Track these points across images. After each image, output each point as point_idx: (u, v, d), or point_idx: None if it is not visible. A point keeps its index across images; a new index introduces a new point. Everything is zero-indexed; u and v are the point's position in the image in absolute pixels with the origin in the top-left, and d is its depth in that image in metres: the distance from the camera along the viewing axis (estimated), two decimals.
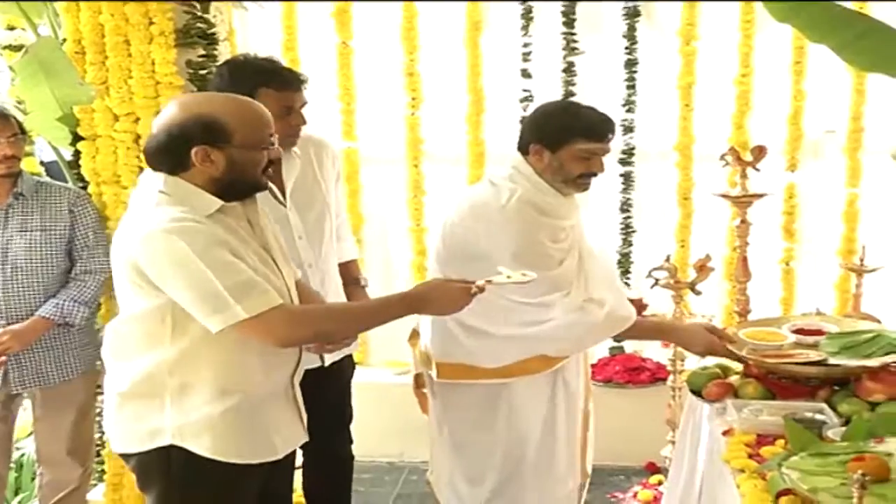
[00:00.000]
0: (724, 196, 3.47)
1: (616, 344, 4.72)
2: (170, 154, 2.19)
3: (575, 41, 4.45)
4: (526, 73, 4.49)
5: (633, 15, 4.42)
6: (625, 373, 4.55)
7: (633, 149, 4.53)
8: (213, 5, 3.67)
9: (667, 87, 4.44)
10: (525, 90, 4.48)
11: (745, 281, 3.56)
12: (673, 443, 3.52)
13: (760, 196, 3.47)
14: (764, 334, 2.89)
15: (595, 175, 2.81)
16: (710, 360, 3.09)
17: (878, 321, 3.22)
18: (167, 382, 2.20)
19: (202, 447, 2.22)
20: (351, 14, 4.51)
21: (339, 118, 4.59)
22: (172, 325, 2.17)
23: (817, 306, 3.42)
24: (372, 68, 4.57)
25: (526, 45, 4.47)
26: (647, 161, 4.58)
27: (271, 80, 2.77)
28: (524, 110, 4.46)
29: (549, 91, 4.46)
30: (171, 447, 2.22)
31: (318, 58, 4.56)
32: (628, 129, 4.51)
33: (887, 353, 2.62)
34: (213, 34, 3.64)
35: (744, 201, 3.42)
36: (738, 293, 3.59)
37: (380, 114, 4.63)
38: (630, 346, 4.74)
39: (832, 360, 2.66)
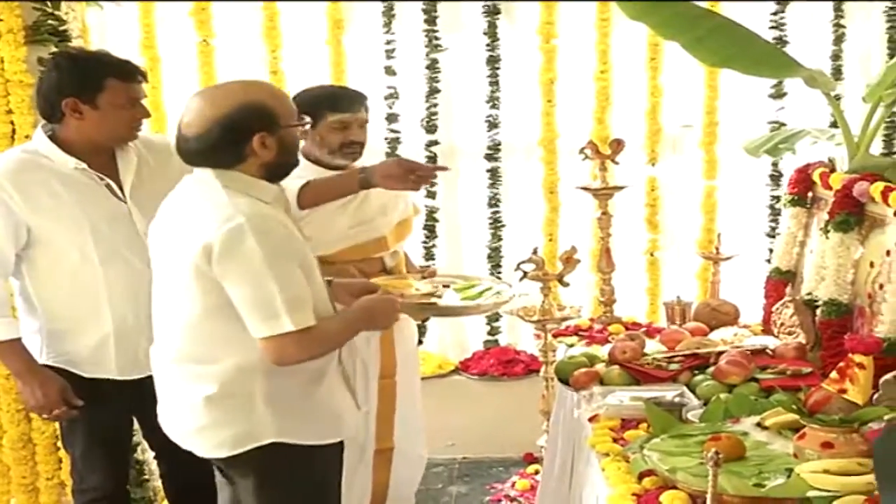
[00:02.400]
0: (585, 189, 3.57)
1: (490, 337, 4.80)
2: (227, 147, 2.21)
3: (437, 38, 4.49)
4: (390, 71, 4.50)
5: (493, 13, 4.48)
6: (499, 365, 4.63)
7: (498, 144, 4.59)
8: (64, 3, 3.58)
9: (529, 84, 4.52)
10: (389, 87, 4.51)
11: (610, 272, 3.67)
12: (548, 432, 3.61)
13: (619, 188, 3.59)
14: (395, 283, 3.12)
15: (357, 143, 3.21)
16: (578, 350, 3.18)
17: (736, 308, 3.38)
18: (258, 380, 2.23)
19: (300, 437, 2.29)
20: (210, 12, 4.45)
21: None
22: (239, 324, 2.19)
23: (678, 294, 3.56)
24: (234, 67, 4.51)
25: (389, 42, 4.49)
26: (513, 156, 4.65)
27: (118, 71, 2.77)
28: (389, 107, 4.51)
29: (412, 88, 4.51)
30: (268, 445, 2.26)
31: (179, 56, 4.48)
32: (493, 125, 4.56)
33: (490, 296, 3.16)
34: (66, 31, 3.55)
35: (604, 194, 3.52)
36: (603, 284, 3.70)
37: None
38: (504, 338, 4.83)
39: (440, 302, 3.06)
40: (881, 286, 2.62)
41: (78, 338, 2.85)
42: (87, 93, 2.73)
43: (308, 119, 2.45)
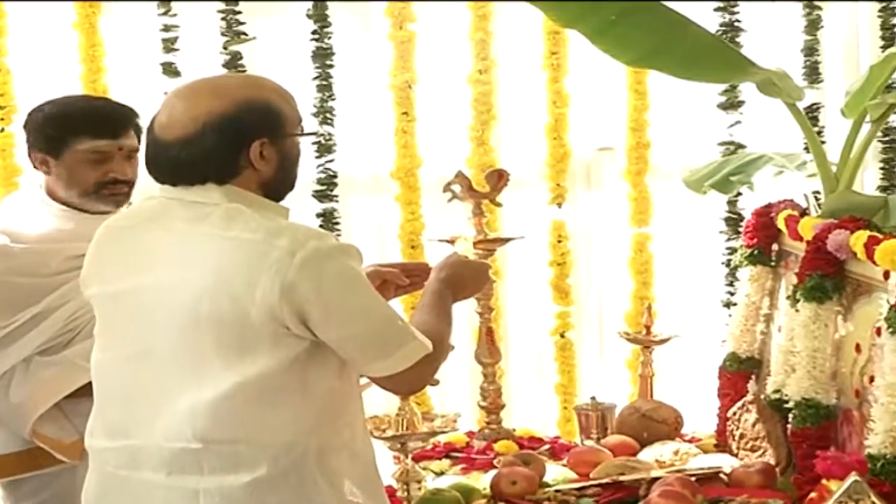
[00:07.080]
0: (451, 242, 3.53)
1: None
2: (222, 156, 2.35)
3: (240, 23, 4.49)
4: (170, 70, 4.49)
5: None
6: None
7: (334, 177, 4.58)
8: None
9: (376, 89, 4.56)
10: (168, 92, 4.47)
11: (493, 363, 3.63)
12: None
13: (505, 241, 3.59)
14: None
15: (123, 182, 3.16)
16: (448, 480, 3.15)
17: (677, 413, 3.40)
18: (310, 452, 2.36)
19: None
20: None
21: None
22: (303, 383, 2.34)
23: (593, 394, 3.58)
24: None
25: (168, 28, 4.48)
26: (356, 193, 4.67)
27: None
28: None
29: None
30: None
31: None
32: (325, 149, 4.55)
33: None
34: None
35: (482, 248, 3.49)
36: (485, 381, 3.67)
37: None
38: None
39: None
40: (871, 379, 2.67)
41: None
42: None
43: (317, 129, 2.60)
